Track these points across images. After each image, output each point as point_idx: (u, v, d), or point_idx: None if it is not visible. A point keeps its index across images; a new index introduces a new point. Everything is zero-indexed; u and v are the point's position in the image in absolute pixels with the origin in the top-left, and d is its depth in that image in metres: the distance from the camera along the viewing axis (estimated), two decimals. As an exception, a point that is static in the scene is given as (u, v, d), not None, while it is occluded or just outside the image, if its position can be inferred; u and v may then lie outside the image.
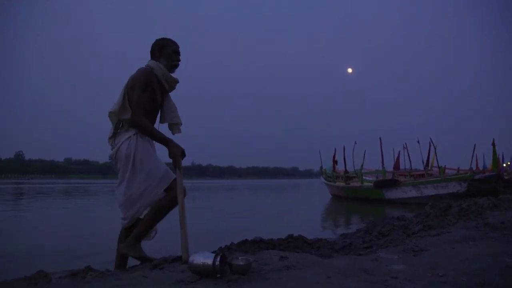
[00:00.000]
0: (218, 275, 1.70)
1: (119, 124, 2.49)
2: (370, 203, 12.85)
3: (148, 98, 2.43)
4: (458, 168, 15.68)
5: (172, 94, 2.68)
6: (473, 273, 1.85)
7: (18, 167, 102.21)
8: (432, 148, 14.99)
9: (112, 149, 2.47)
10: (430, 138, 14.95)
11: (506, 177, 17.46)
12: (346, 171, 16.50)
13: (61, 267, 2.51)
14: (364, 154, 15.71)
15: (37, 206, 10.97)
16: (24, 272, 1.99)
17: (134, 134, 2.41)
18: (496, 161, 13.88)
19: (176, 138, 2.49)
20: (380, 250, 2.56)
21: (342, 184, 15.95)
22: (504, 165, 24.93)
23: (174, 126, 2.68)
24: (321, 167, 19.12)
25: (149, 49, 2.59)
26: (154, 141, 2.53)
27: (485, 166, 20.48)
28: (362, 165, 15.29)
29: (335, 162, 17.79)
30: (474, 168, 16.00)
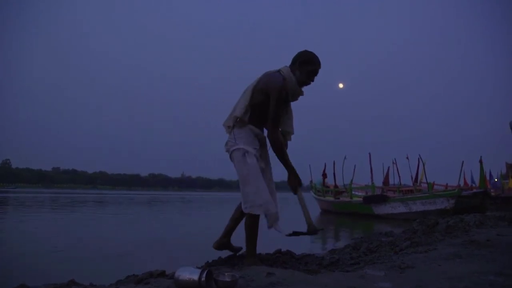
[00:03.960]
0: (204, 291, 1.68)
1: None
2: (359, 218, 12.88)
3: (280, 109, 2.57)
4: (447, 184, 15.83)
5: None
6: (459, 291, 1.86)
7: (5, 176, 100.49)
8: (421, 164, 15.13)
9: (229, 138, 2.65)
10: (419, 155, 15.11)
11: (493, 194, 17.68)
12: (335, 186, 16.54)
13: (45, 280, 2.46)
14: (354, 169, 15.80)
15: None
16: (6, 285, 1.95)
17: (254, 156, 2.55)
18: (483, 178, 14.06)
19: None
20: (367, 267, 2.56)
21: (331, 198, 15.98)
22: (496, 179, 25.25)
23: (287, 134, 2.82)
24: (311, 182, 19.16)
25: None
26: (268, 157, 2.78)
27: (474, 183, 20.70)
28: (351, 180, 15.36)
29: (324, 176, 17.83)
30: (463, 185, 16.17)
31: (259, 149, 2.66)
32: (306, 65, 2.59)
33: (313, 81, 2.66)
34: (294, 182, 2.73)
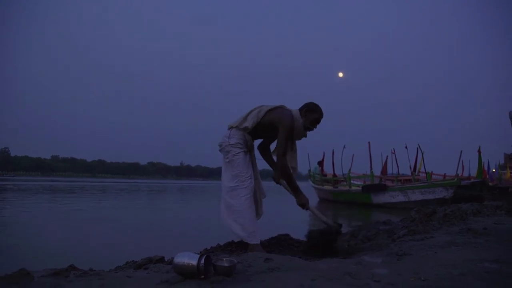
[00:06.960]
0: (202, 276, 1.70)
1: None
2: (358, 206, 12.93)
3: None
4: (445, 174, 15.87)
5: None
6: (455, 278, 1.87)
7: (4, 164, 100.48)
8: (419, 153, 15.15)
9: (225, 135, 3.07)
10: (418, 144, 15.11)
11: (490, 184, 17.75)
12: (334, 175, 16.56)
13: (44, 265, 2.47)
14: (352, 158, 15.82)
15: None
16: (5, 270, 1.96)
17: (243, 152, 3.00)
18: (481, 168, 14.10)
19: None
20: (365, 254, 2.58)
21: (330, 187, 16.03)
22: (494, 170, 25.35)
23: (293, 169, 3.13)
24: (309, 171, 19.18)
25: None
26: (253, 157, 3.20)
27: (471, 173, 20.73)
28: (349, 169, 15.38)
29: (321, 165, 17.81)
30: (460, 174, 16.21)
31: (247, 151, 3.08)
32: (311, 113, 3.00)
33: (315, 127, 3.06)
34: (303, 201, 3.05)
